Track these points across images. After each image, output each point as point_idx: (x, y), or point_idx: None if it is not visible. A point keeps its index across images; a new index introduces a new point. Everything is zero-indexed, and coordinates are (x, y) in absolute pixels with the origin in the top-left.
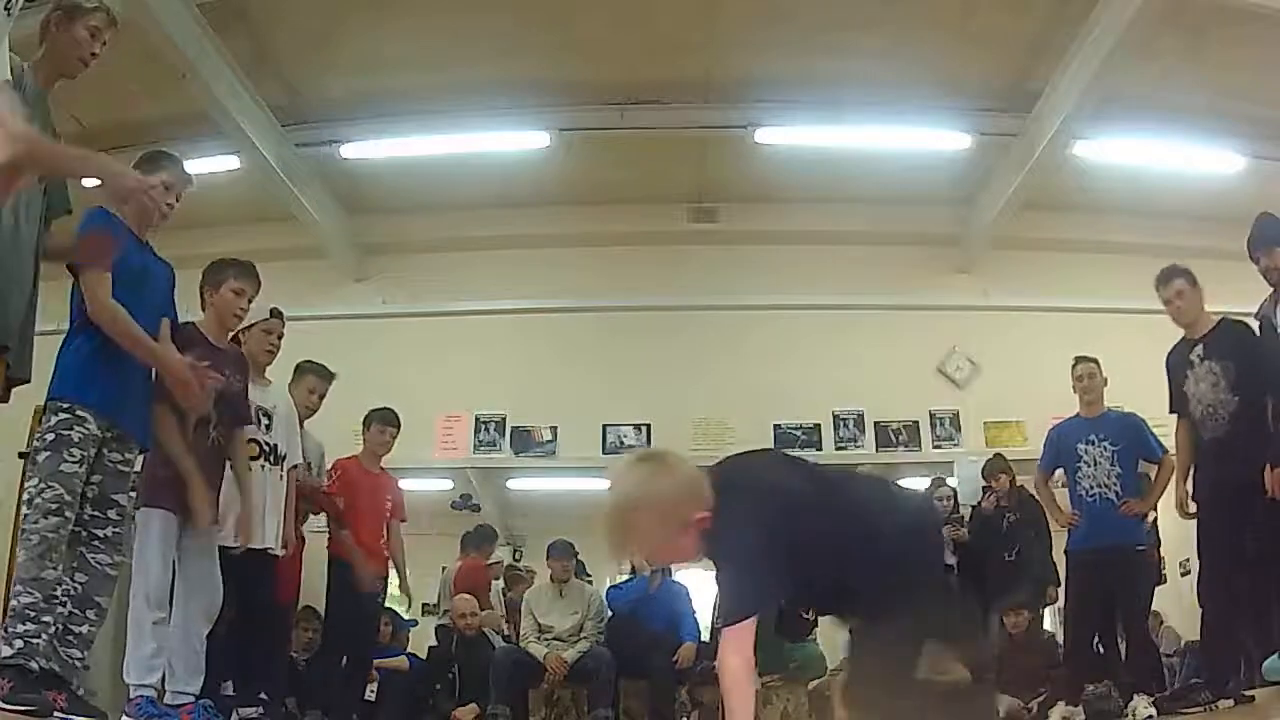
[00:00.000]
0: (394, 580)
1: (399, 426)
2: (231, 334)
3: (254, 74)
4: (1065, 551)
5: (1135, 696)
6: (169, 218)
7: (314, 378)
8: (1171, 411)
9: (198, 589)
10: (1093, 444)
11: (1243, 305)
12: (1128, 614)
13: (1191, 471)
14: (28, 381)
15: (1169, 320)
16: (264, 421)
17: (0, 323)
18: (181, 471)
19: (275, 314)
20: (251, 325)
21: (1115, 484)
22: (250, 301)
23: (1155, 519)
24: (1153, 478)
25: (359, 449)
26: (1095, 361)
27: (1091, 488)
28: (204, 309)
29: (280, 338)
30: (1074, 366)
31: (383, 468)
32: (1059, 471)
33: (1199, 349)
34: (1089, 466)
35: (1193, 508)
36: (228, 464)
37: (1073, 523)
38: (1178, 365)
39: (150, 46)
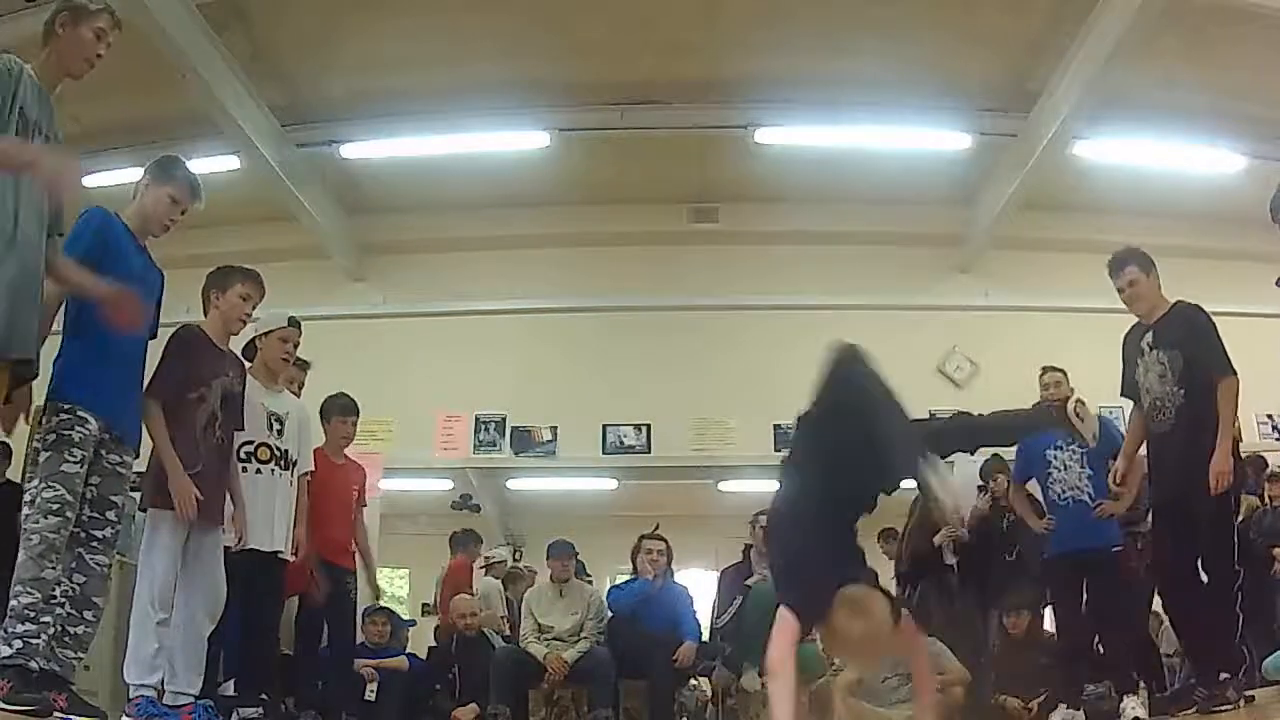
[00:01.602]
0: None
1: (359, 414)
2: (248, 341)
3: (254, 74)
4: (1044, 558)
5: (1125, 698)
6: (170, 229)
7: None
8: (1123, 395)
9: (201, 589)
10: (1061, 449)
11: (1242, 305)
12: (1113, 614)
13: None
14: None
15: None
16: (276, 427)
17: (23, 333)
18: (162, 461)
19: (293, 323)
20: (269, 332)
21: (1087, 485)
22: (255, 307)
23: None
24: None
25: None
26: (1062, 371)
27: (1064, 491)
28: (206, 312)
29: (296, 346)
30: (1042, 375)
31: (348, 457)
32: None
33: (1149, 336)
34: (1060, 471)
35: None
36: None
37: (1049, 528)
38: (1131, 350)
39: (150, 47)
